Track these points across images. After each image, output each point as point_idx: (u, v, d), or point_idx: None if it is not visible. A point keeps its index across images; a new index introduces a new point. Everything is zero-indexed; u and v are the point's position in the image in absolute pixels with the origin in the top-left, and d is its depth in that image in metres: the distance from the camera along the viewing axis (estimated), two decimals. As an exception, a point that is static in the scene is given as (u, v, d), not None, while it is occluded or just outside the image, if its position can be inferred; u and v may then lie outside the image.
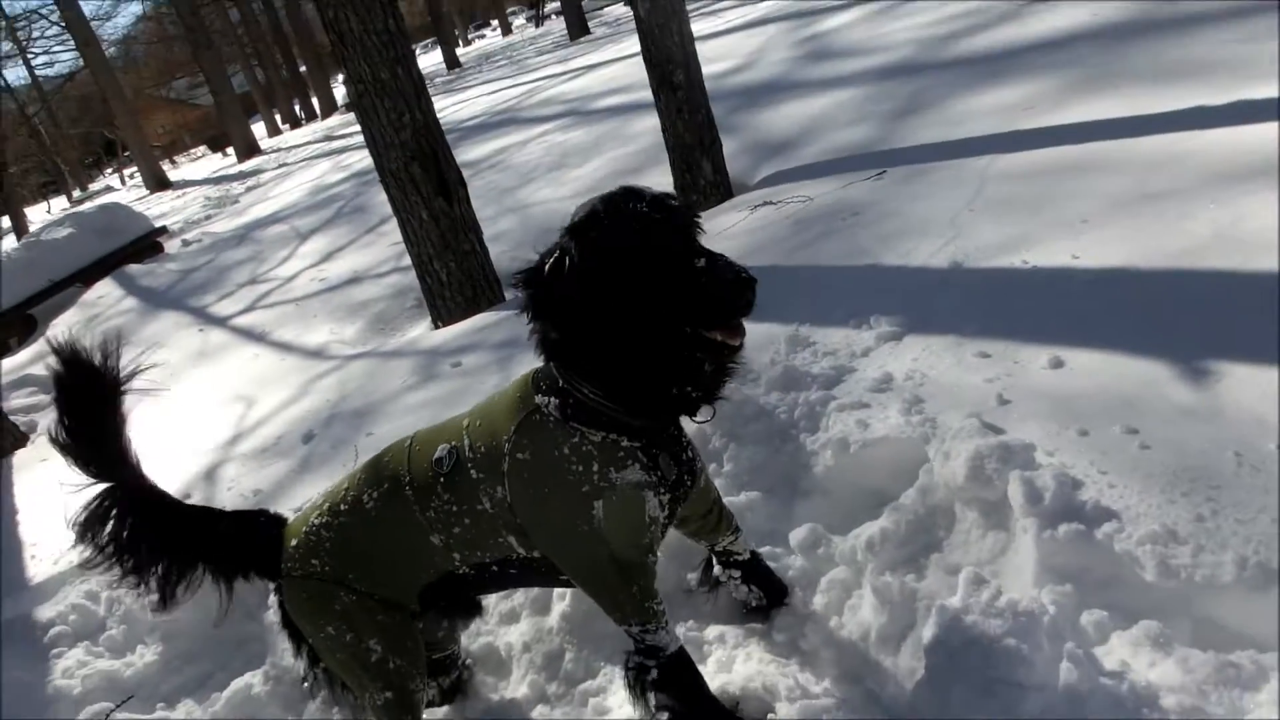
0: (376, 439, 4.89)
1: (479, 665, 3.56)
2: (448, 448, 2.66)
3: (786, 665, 2.99)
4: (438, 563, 2.74)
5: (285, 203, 16.66)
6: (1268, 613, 2.36)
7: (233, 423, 6.50)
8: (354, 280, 10.09)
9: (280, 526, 2.98)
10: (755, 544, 3.37)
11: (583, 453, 2.47)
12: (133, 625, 4.35)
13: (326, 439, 5.35)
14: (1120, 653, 2.44)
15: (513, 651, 3.58)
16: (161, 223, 18.99)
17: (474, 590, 3.03)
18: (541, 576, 2.83)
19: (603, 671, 3.31)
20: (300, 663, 3.06)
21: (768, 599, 3.14)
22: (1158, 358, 3.18)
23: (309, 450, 5.32)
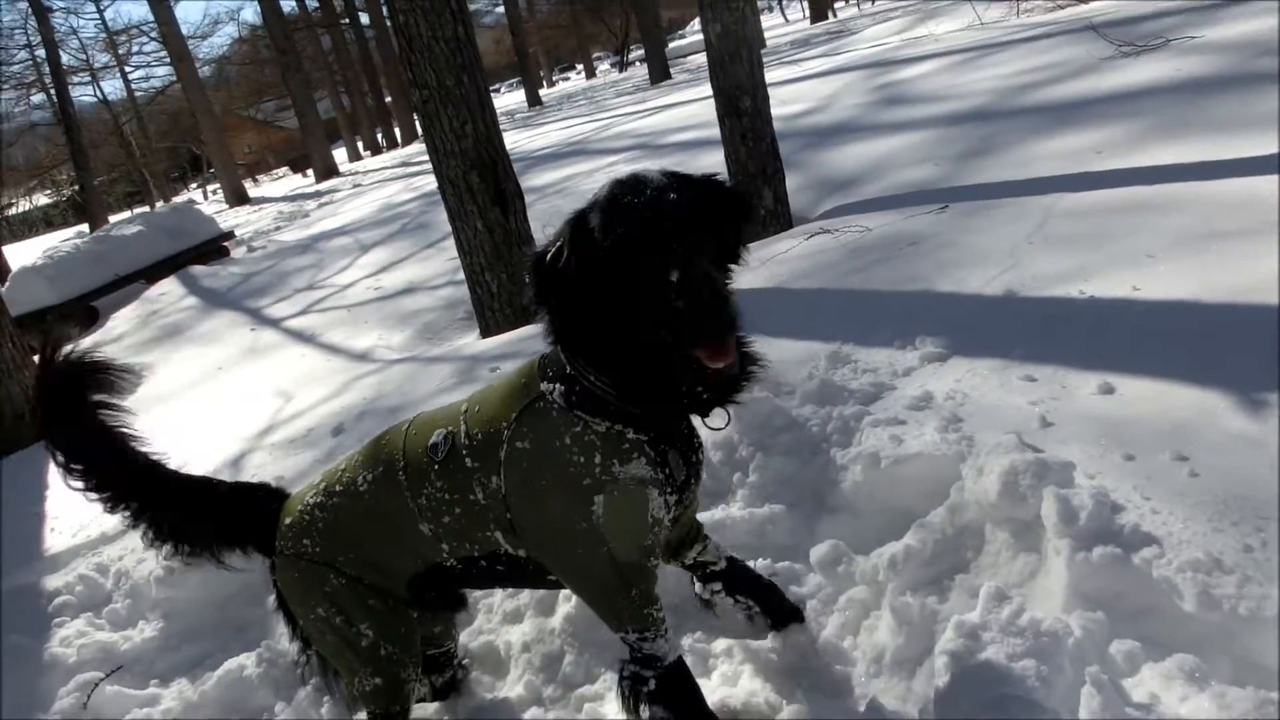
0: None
1: (477, 663, 3.44)
2: (443, 433, 2.53)
3: (793, 683, 2.84)
4: (426, 553, 2.61)
5: (353, 218, 16.81)
6: (1316, 651, 2.15)
7: (269, 415, 6.48)
8: (408, 291, 10.09)
9: (280, 501, 2.89)
10: (773, 559, 3.24)
11: (585, 442, 2.30)
12: (137, 600, 4.29)
13: (355, 432, 5.29)
14: (1150, 685, 2.24)
15: (512, 651, 3.46)
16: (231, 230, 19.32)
17: (461, 584, 2.87)
18: (529, 577, 2.67)
19: (602, 678, 3.17)
20: (294, 645, 2.97)
21: (766, 612, 2.95)
22: (1214, 387, 3.00)
23: (336, 443, 5.26)
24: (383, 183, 22.79)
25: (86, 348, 2.87)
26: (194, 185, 58.62)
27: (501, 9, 47.76)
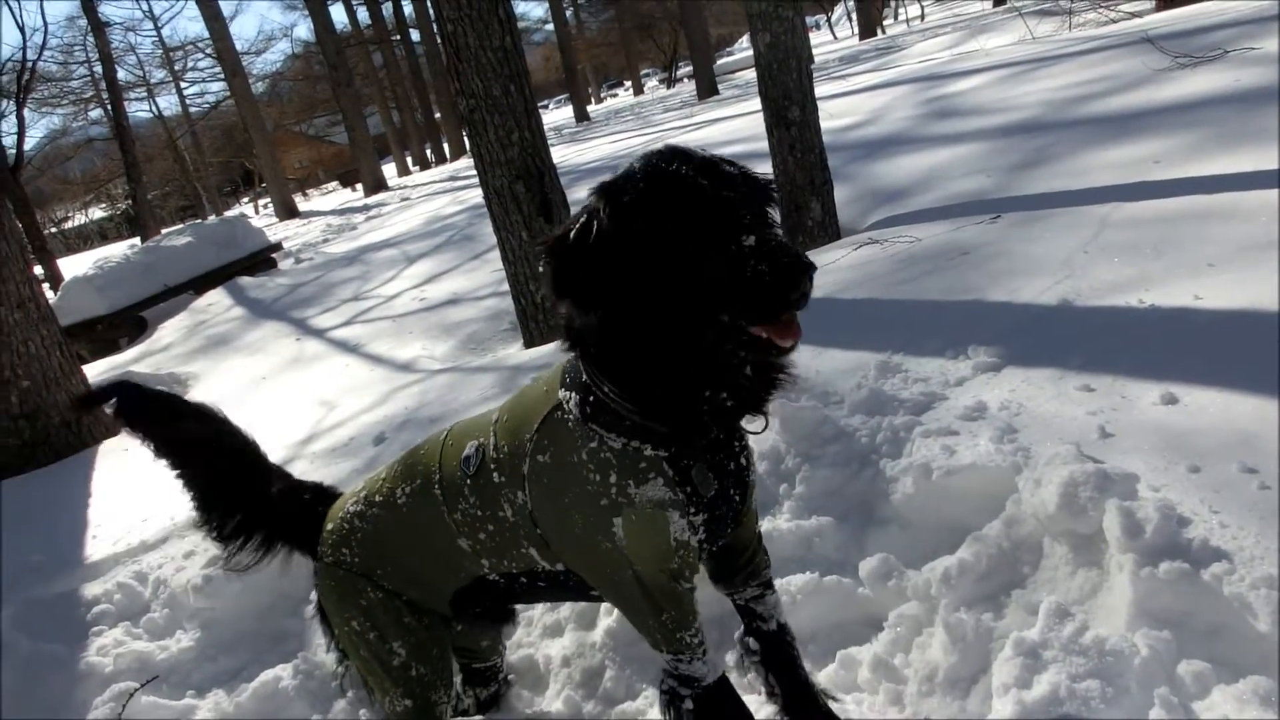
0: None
1: (517, 677, 3.37)
2: (475, 444, 2.41)
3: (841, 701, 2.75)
4: (468, 567, 2.52)
5: (400, 230, 16.87)
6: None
7: (311, 424, 6.47)
8: (452, 301, 10.08)
9: (328, 502, 2.84)
10: (820, 573, 3.13)
11: (600, 460, 2.13)
12: (175, 610, 4.26)
13: (397, 442, 5.25)
14: (1223, 708, 2.11)
15: (552, 665, 3.41)
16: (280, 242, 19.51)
17: (507, 599, 2.77)
18: (570, 591, 2.55)
19: (644, 694, 3.11)
20: (332, 655, 2.92)
21: (786, 710, 2.67)
22: (1285, 398, 2.87)
23: (377, 452, 5.23)
24: (430, 196, 22.89)
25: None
26: (245, 199, 59.46)
27: (551, 27, 48.10)
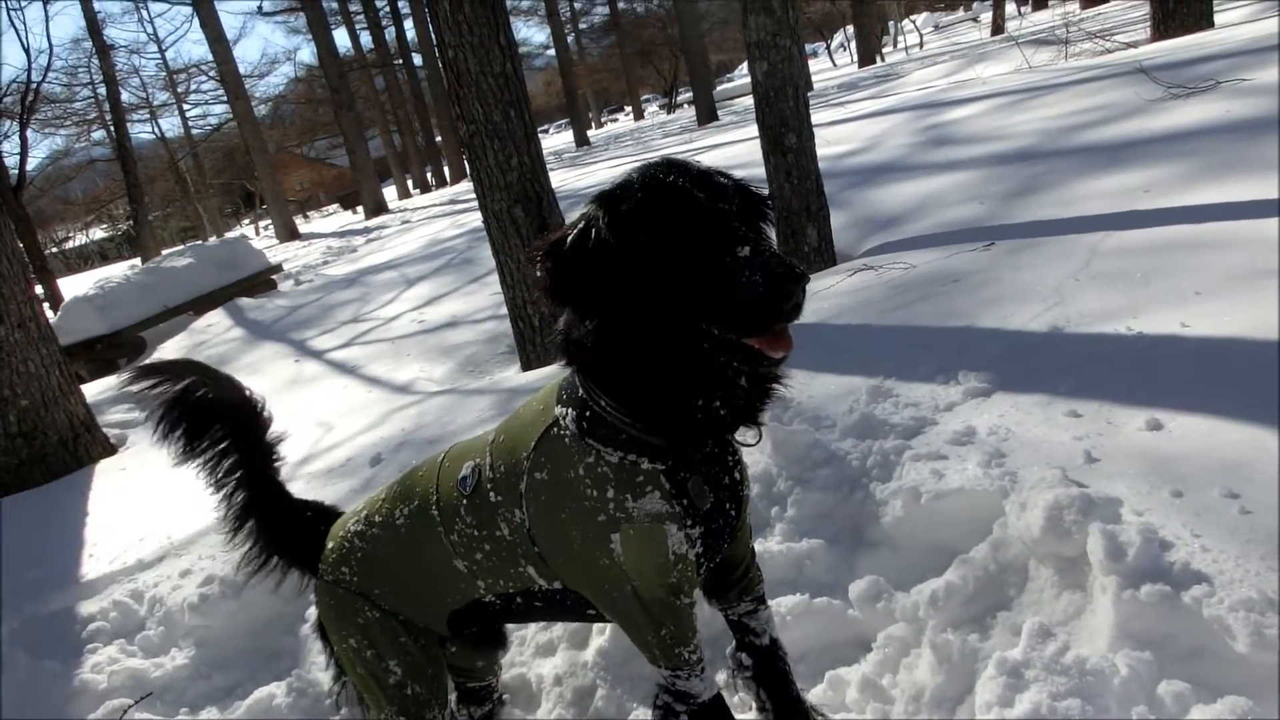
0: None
1: (510, 696, 3.40)
2: (472, 465, 2.43)
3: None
4: (464, 589, 2.53)
5: (400, 253, 16.91)
6: (1376, 696, 2.07)
7: (309, 444, 6.49)
8: (451, 324, 10.12)
9: (329, 521, 2.87)
10: (810, 595, 3.16)
11: (598, 475, 2.15)
12: (170, 628, 4.29)
13: (393, 463, 5.29)
14: (1201, 728, 2.15)
15: (544, 684, 3.44)
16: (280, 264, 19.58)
17: (503, 620, 2.81)
18: (568, 611, 2.55)
19: (634, 713, 3.14)
20: (327, 672, 2.95)
21: (775, 717, 2.69)
22: (1265, 425, 2.91)
23: (374, 473, 5.26)
24: (431, 219, 22.97)
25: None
26: (246, 221, 59.56)
27: (552, 52, 48.31)
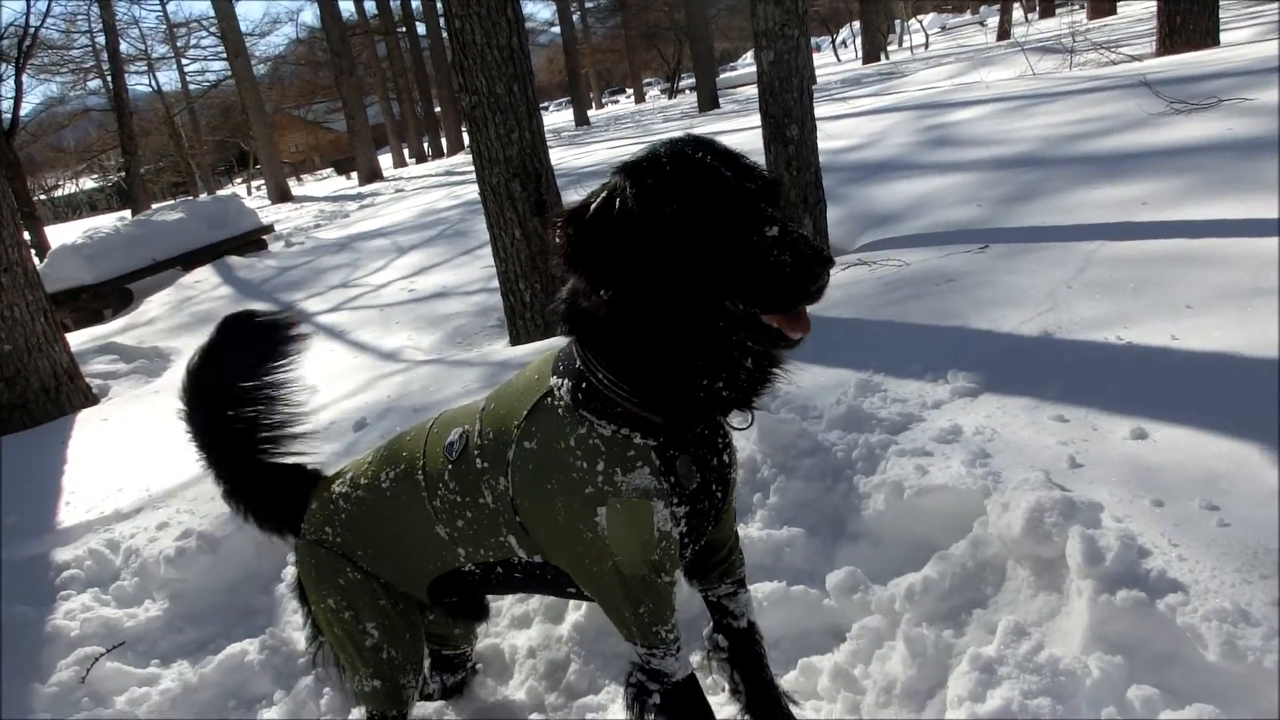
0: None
1: (483, 666, 3.41)
2: (459, 431, 2.44)
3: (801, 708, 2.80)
4: (445, 557, 2.54)
5: (392, 221, 16.86)
6: (1343, 712, 2.09)
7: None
8: (441, 295, 10.10)
9: (311, 483, 2.86)
10: (788, 583, 3.18)
11: (589, 447, 2.15)
12: (145, 579, 4.28)
13: (377, 429, 5.28)
14: (1168, 734, 2.18)
15: (517, 655, 3.45)
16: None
17: (482, 590, 2.80)
18: (546, 585, 2.55)
19: (606, 689, 3.16)
20: (305, 631, 2.96)
21: (748, 709, 2.71)
22: (1249, 440, 2.94)
23: (357, 437, 5.25)
24: (425, 189, 22.88)
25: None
26: (239, 180, 59.27)
27: (557, 29, 48.07)
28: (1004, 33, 31.49)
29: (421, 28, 46.09)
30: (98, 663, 3.71)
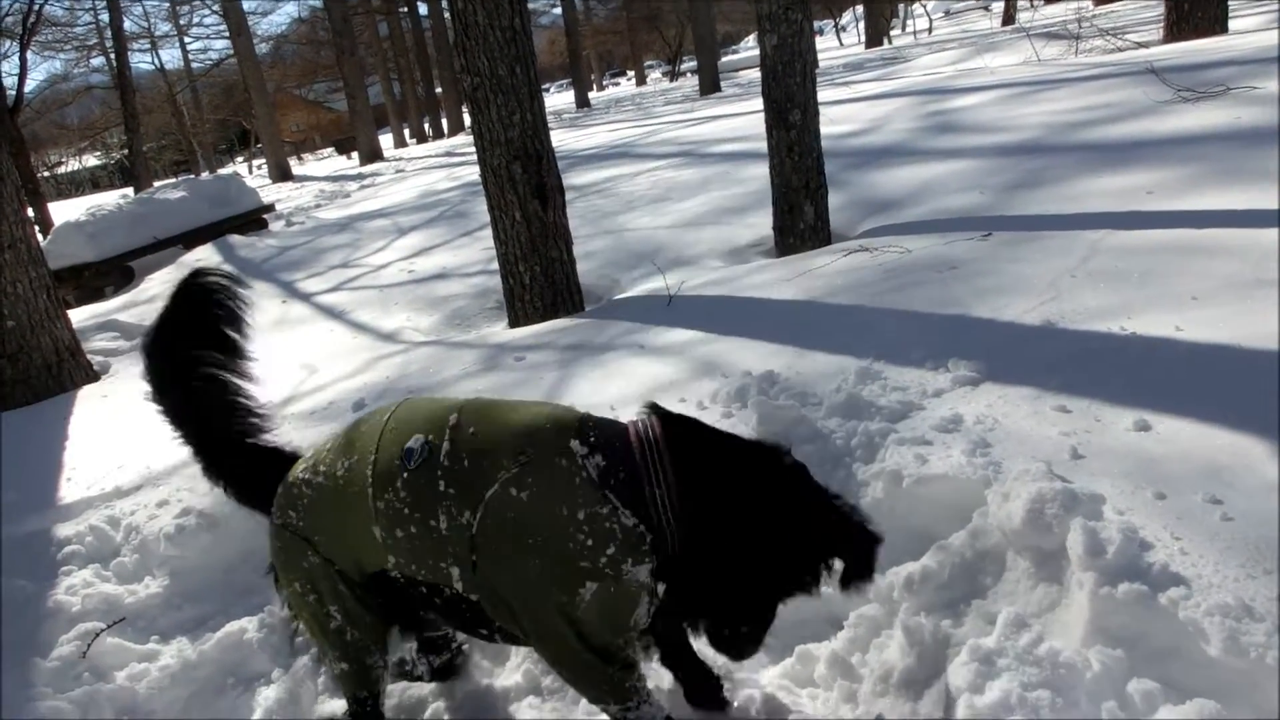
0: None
1: (478, 649, 3.39)
2: (423, 440, 2.39)
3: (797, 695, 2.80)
4: (374, 558, 2.52)
5: (393, 201, 16.81)
6: (1346, 708, 2.07)
7: (292, 386, 6.45)
8: (440, 276, 10.06)
9: (287, 466, 2.83)
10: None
11: (603, 529, 2.19)
12: (145, 556, 4.27)
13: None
14: (1168, 728, 2.16)
15: (515, 643, 3.42)
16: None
17: (403, 600, 2.70)
18: (467, 624, 2.59)
19: (604, 675, 3.12)
20: (284, 613, 2.96)
21: (689, 697, 2.84)
22: (1253, 433, 2.92)
23: (356, 417, 5.21)
24: (426, 170, 22.83)
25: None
26: (240, 159, 59.16)
27: (559, 10, 47.89)
28: (1009, 18, 31.34)
29: (424, 7, 45.98)
30: (98, 638, 3.71)
